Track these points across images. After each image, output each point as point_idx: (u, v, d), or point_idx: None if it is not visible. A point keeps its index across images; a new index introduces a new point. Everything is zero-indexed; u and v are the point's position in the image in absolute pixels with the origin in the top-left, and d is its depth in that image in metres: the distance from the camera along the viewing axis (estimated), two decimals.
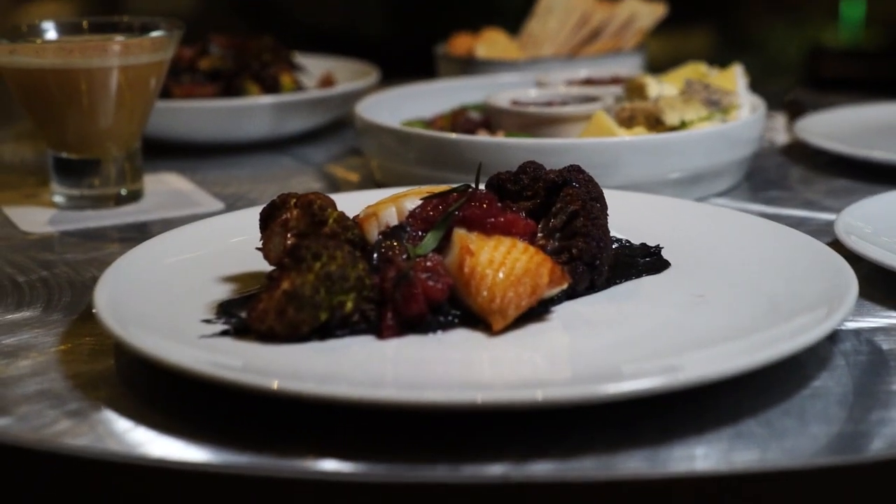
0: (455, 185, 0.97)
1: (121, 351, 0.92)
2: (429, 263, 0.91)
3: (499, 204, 0.97)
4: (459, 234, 0.94)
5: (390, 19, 4.95)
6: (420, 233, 0.95)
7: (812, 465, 0.73)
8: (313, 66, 1.81)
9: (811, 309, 0.87)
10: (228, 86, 1.65)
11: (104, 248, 1.21)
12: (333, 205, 0.96)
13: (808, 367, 0.87)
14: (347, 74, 1.80)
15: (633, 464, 0.73)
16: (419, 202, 0.96)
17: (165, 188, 1.42)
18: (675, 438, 0.76)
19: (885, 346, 0.91)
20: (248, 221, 1.09)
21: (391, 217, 0.96)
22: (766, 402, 0.81)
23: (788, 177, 1.47)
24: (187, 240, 1.08)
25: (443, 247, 0.94)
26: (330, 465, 0.74)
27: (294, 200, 0.97)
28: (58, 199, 1.34)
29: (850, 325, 0.95)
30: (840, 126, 1.59)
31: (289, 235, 0.95)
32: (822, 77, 3.49)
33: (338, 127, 1.76)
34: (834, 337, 0.92)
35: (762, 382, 0.84)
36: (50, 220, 1.29)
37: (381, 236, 0.94)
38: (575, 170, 1.02)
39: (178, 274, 1.00)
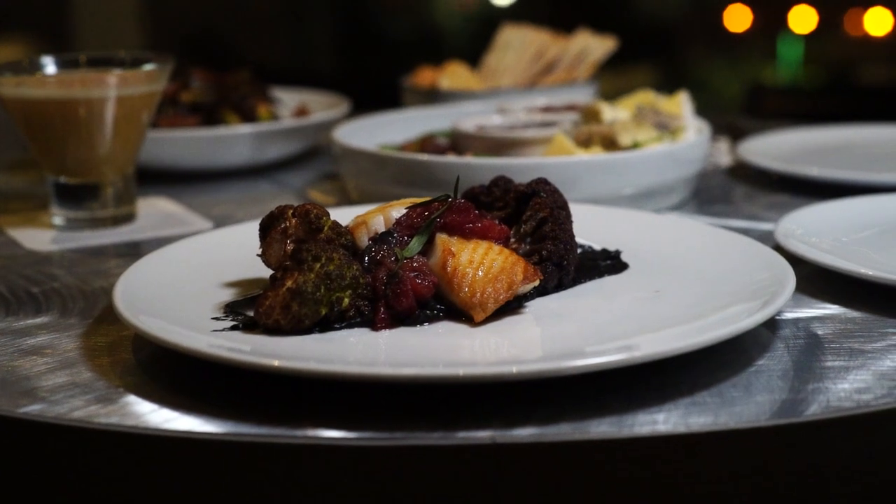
0: (436, 196, 1.08)
1: (139, 346, 1.02)
2: (415, 264, 1.02)
3: (476, 211, 1.08)
4: (441, 238, 1.05)
5: (342, 57, 5.09)
6: (406, 238, 1.05)
7: (757, 425, 0.85)
8: (286, 99, 1.92)
9: (754, 298, 0.99)
10: (209, 117, 1.76)
11: (106, 262, 1.31)
12: (328, 214, 1.07)
13: (754, 349, 0.98)
14: (319, 105, 1.92)
15: (603, 428, 0.84)
16: (404, 211, 1.07)
17: (156, 210, 1.52)
18: (638, 408, 0.87)
19: (819, 332, 1.03)
20: (244, 234, 1.20)
21: (379, 224, 1.07)
22: (717, 377, 0.93)
23: (732, 194, 1.60)
24: (189, 251, 1.18)
25: (426, 250, 1.05)
26: (338, 433, 0.84)
27: (291, 211, 1.08)
28: (57, 220, 1.43)
29: (790, 315, 1.07)
30: (778, 147, 1.72)
31: (288, 242, 1.05)
32: (762, 113, 3.66)
33: (312, 154, 1.87)
34: (777, 324, 1.04)
35: (714, 362, 0.95)
36: (52, 239, 1.39)
37: (371, 241, 1.05)
38: (542, 182, 1.13)
39: (183, 281, 1.10)
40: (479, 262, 1.02)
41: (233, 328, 0.99)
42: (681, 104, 1.59)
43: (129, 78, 1.40)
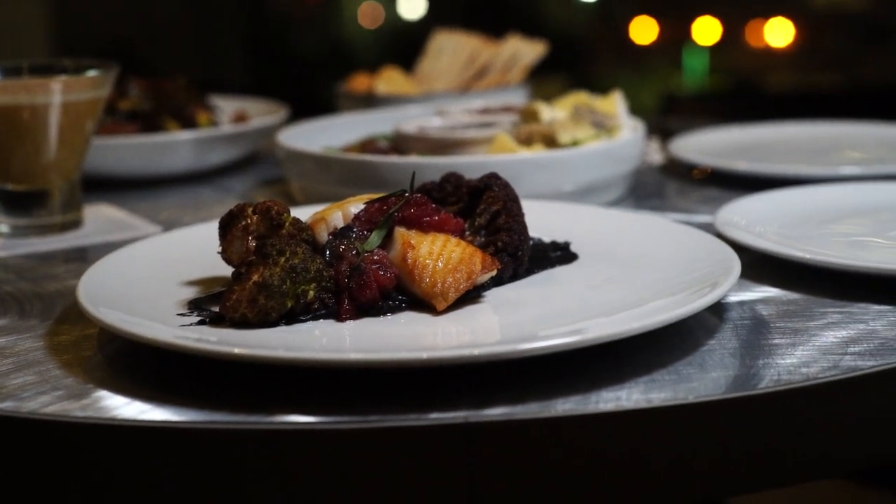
0: (393, 192, 1.11)
1: (103, 342, 1.03)
2: (376, 257, 1.05)
3: (433, 205, 1.11)
4: (400, 231, 1.08)
5: (252, 70, 5.10)
6: (365, 232, 1.08)
7: (713, 398, 0.89)
8: (223, 106, 1.94)
9: (702, 282, 1.03)
10: (148, 124, 1.77)
11: (56, 267, 1.31)
12: (288, 210, 1.09)
13: (704, 331, 1.03)
14: (257, 112, 1.93)
15: (569, 405, 0.88)
16: (362, 206, 1.10)
17: (102, 217, 1.52)
18: (601, 386, 0.91)
19: (764, 313, 1.08)
20: (199, 235, 1.22)
21: (338, 220, 1.09)
22: (673, 357, 0.97)
23: (666, 189, 1.65)
24: (146, 253, 1.19)
25: (385, 244, 1.07)
26: (313, 419, 0.86)
27: (251, 208, 1.10)
28: (4, 228, 1.43)
29: (734, 298, 1.12)
30: (707, 145, 1.78)
31: (250, 238, 1.07)
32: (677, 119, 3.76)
33: (252, 160, 1.89)
34: (723, 308, 1.09)
35: (668, 344, 0.99)
36: (0, 246, 1.39)
37: (331, 236, 1.08)
38: (494, 176, 1.17)
39: (144, 281, 1.11)
40: (438, 253, 1.05)
41: (200, 323, 1.01)
42: (615, 103, 1.63)
43: (74, 84, 1.41)
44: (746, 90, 4.68)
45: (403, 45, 4.89)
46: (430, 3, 5.12)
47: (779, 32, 4.62)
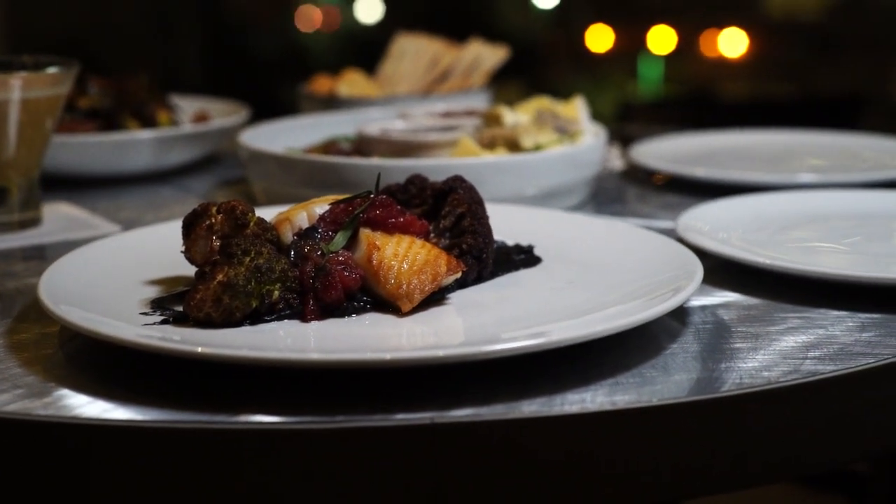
0: (358, 193, 1.11)
1: (64, 341, 1.02)
2: (341, 258, 1.05)
3: (398, 207, 1.11)
4: (365, 233, 1.07)
5: (208, 72, 5.07)
6: (330, 233, 1.08)
7: (676, 401, 0.90)
8: (184, 105, 1.93)
9: (665, 286, 1.04)
10: (108, 123, 1.75)
11: (14, 265, 1.30)
12: (253, 210, 1.08)
13: (668, 334, 1.04)
14: (218, 112, 1.92)
15: (535, 407, 0.88)
16: (327, 207, 1.10)
17: (60, 215, 1.51)
18: (566, 388, 0.92)
19: (725, 317, 1.09)
20: (159, 234, 1.21)
21: (303, 220, 1.09)
22: (637, 360, 0.98)
23: (626, 195, 1.66)
24: (106, 252, 1.18)
25: (350, 245, 1.07)
26: (277, 419, 0.86)
27: (215, 208, 1.09)
28: None
29: (696, 302, 1.13)
30: (666, 151, 1.80)
31: (214, 238, 1.07)
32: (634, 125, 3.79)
33: (212, 160, 1.88)
34: (686, 311, 1.10)
35: (631, 347, 1.00)
36: None
37: (295, 237, 1.07)
38: (458, 179, 1.17)
39: (105, 279, 1.10)
40: (403, 255, 1.05)
41: (163, 322, 1.00)
42: (577, 109, 1.64)
43: (34, 80, 1.39)
44: (701, 99, 4.73)
45: (360, 49, 4.90)
46: (387, 7, 5.13)
47: (733, 42, 4.68)
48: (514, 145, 1.50)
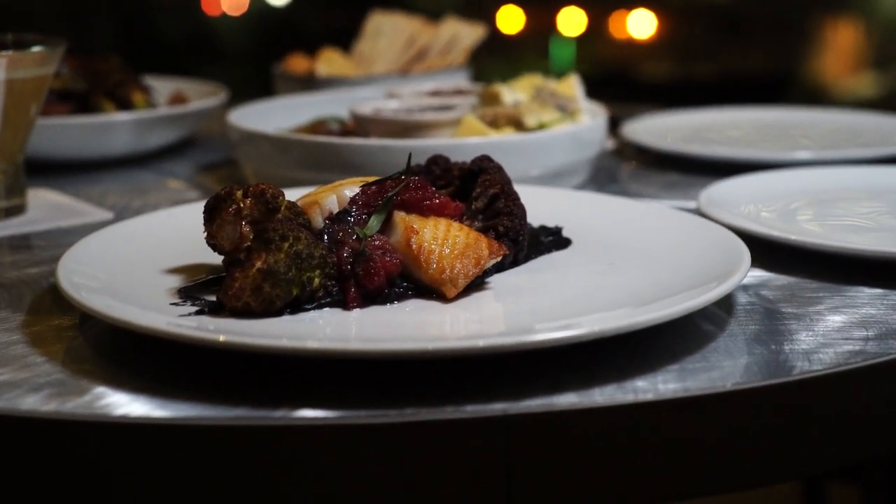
0: (390, 175, 1.06)
1: (86, 332, 0.96)
2: (377, 242, 1.00)
3: (432, 188, 1.06)
4: (401, 215, 1.03)
5: (121, 54, 4.96)
6: (363, 216, 1.03)
7: (749, 385, 0.87)
8: (158, 86, 1.85)
9: (712, 270, 1.01)
10: (82, 105, 1.67)
11: (3, 256, 1.23)
12: (283, 193, 1.03)
13: (716, 318, 1.01)
14: (194, 94, 1.85)
15: (606, 395, 0.85)
16: (357, 189, 1.05)
17: (45, 202, 1.43)
18: (633, 375, 0.88)
19: (770, 297, 1.06)
20: (175, 218, 1.15)
21: (333, 204, 1.04)
22: (697, 344, 0.94)
23: (622, 174, 1.63)
24: (121, 238, 1.11)
25: (385, 228, 1.02)
26: (323, 413, 0.81)
27: (240, 192, 1.03)
28: None
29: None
30: (657, 129, 1.77)
31: (243, 223, 1.01)
32: None
33: (189, 143, 1.81)
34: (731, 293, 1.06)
35: (686, 329, 0.97)
36: None
37: (327, 221, 1.02)
38: (486, 159, 1.13)
39: (124, 268, 1.04)
40: (442, 238, 1.01)
41: (198, 312, 0.94)
42: (573, 86, 1.61)
43: (20, 60, 1.32)
44: (617, 80, 4.73)
45: (266, 31, 4.81)
46: None
47: (641, 24, 4.70)
48: (517, 124, 1.46)
